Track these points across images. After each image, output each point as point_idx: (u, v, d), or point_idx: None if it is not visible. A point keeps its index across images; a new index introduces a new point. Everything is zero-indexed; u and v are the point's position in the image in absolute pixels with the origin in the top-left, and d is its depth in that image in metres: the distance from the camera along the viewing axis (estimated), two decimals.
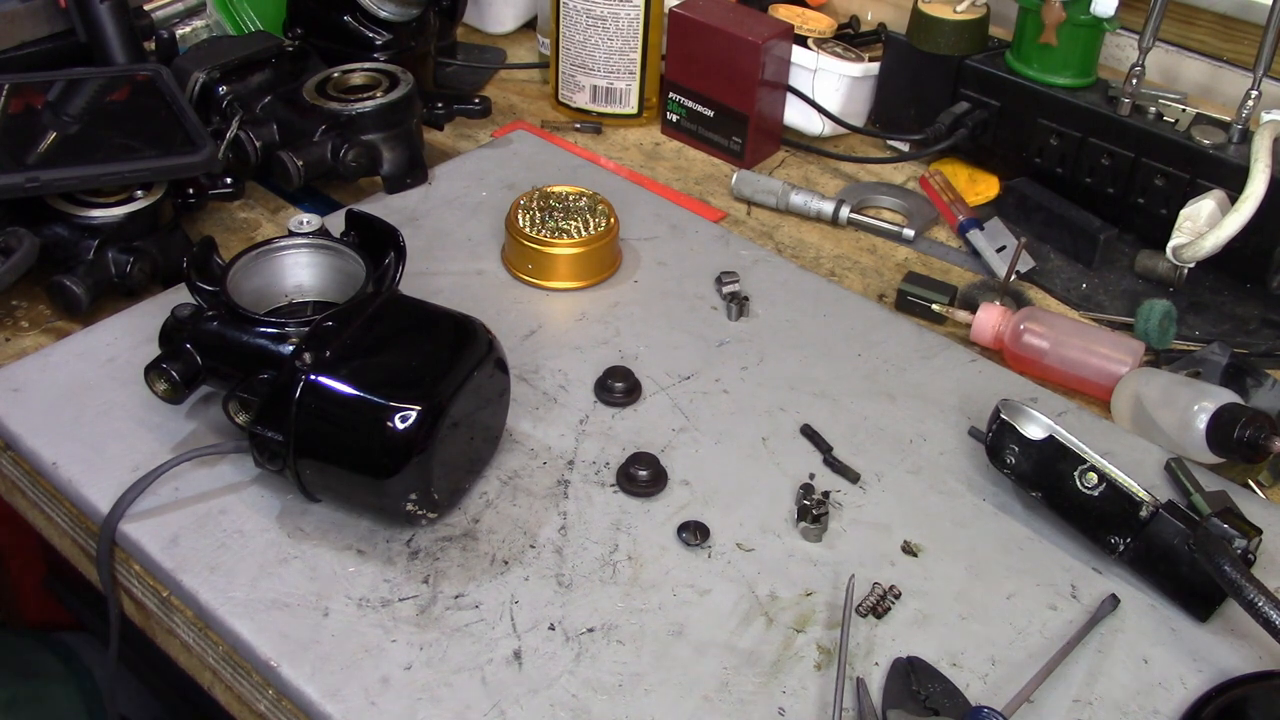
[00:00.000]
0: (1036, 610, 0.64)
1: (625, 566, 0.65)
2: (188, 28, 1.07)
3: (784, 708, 0.58)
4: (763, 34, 1.01)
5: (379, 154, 0.94)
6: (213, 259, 0.71)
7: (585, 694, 0.58)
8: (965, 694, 0.59)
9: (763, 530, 0.68)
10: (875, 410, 0.77)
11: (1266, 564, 0.66)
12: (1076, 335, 0.81)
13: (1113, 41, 1.10)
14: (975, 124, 1.02)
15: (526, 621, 0.62)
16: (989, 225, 0.96)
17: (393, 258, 0.73)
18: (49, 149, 0.80)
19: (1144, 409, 0.76)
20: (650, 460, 0.70)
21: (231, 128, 0.90)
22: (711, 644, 0.61)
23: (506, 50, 1.25)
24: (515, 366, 0.76)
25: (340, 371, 0.62)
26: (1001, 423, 0.68)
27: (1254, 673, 0.61)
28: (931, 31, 1.03)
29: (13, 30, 0.93)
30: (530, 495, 0.69)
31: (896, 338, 0.83)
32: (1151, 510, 0.64)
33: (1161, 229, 0.90)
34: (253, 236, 0.93)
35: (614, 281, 0.87)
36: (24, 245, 0.77)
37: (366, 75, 0.96)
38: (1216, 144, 0.89)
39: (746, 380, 0.79)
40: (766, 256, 0.91)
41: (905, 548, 0.67)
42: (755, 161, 1.07)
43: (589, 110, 1.12)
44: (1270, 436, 0.69)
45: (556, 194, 0.88)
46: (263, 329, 0.67)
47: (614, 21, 1.06)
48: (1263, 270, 0.89)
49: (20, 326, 0.82)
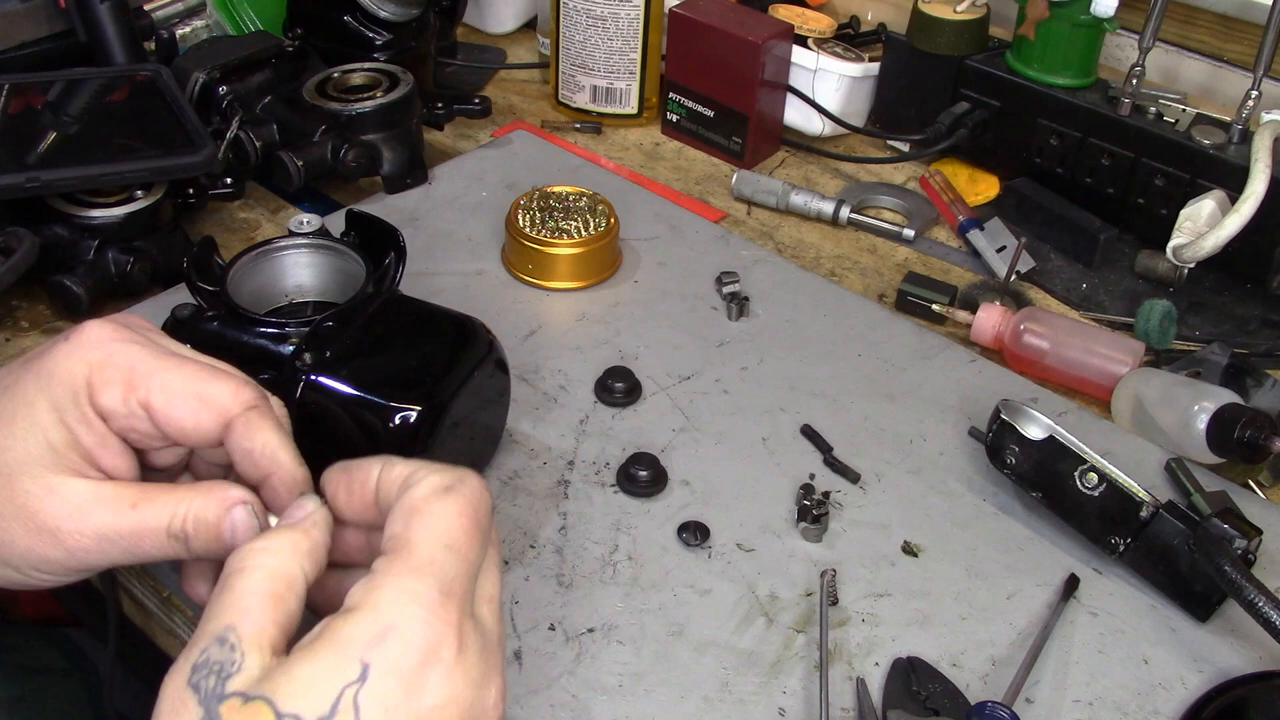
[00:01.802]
0: (1036, 610, 0.64)
1: (625, 566, 0.65)
2: (188, 28, 1.07)
3: (784, 708, 0.58)
4: (763, 34, 1.01)
5: (379, 154, 0.94)
6: (213, 259, 0.71)
7: (585, 694, 0.58)
8: (965, 694, 0.59)
9: (763, 530, 0.68)
10: (875, 410, 0.77)
11: (1266, 564, 0.66)
12: (1076, 335, 0.81)
13: (1113, 41, 1.10)
14: (975, 124, 1.02)
15: (526, 621, 0.62)
16: (989, 225, 0.97)
17: (393, 258, 0.72)
18: (49, 149, 0.80)
19: (1144, 409, 0.76)
20: (650, 460, 0.70)
21: (231, 128, 0.90)
22: (711, 644, 0.61)
23: (506, 50, 1.25)
24: (515, 366, 0.76)
25: (340, 372, 0.62)
26: (1001, 423, 0.68)
27: (1254, 673, 0.61)
28: (931, 31, 1.03)
29: (13, 30, 0.93)
30: (530, 495, 0.69)
31: (896, 338, 0.83)
32: (1151, 510, 0.64)
33: (1161, 229, 0.90)
34: (253, 236, 0.93)
35: (614, 281, 0.87)
36: (24, 245, 0.77)
37: (366, 75, 0.96)
38: (1216, 144, 0.89)
39: (746, 380, 0.79)
40: (766, 256, 0.91)
41: (905, 548, 0.67)
42: (755, 161, 1.07)
43: (589, 110, 1.12)
44: (1270, 436, 0.69)
45: (556, 194, 0.88)
46: (263, 329, 0.67)
47: (614, 21, 1.06)
48: (1263, 270, 0.89)
49: (20, 326, 0.83)
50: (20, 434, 0.49)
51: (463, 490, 0.45)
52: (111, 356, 0.49)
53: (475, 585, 0.44)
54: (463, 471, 0.46)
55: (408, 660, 0.40)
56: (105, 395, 0.49)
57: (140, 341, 0.50)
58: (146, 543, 0.48)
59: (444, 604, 0.42)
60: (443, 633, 0.41)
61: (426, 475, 0.45)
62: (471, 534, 0.44)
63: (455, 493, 0.44)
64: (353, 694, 0.39)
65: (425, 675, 0.41)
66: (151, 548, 0.49)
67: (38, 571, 0.49)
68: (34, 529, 0.48)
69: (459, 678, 0.41)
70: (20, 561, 0.49)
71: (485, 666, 0.43)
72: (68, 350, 0.50)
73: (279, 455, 0.50)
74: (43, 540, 0.48)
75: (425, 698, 0.40)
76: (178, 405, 0.50)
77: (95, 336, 0.50)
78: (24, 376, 0.50)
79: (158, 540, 0.48)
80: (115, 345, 0.50)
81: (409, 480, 0.46)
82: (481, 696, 0.42)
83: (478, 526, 0.44)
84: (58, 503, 0.48)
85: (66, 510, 0.48)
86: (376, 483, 0.47)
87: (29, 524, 0.48)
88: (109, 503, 0.48)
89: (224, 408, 0.50)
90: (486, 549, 0.45)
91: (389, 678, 0.40)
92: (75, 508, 0.48)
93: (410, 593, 0.41)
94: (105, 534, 0.48)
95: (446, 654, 0.41)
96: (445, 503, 0.44)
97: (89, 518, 0.48)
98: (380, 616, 0.41)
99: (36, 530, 0.48)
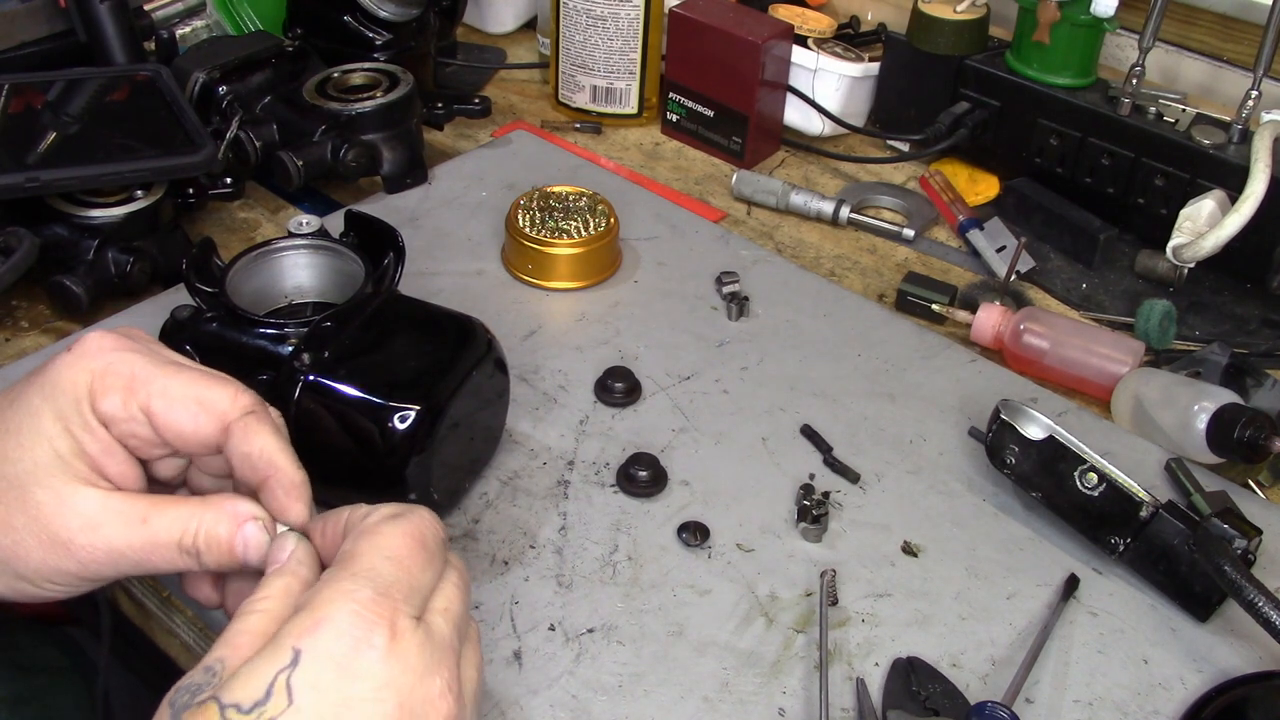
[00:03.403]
0: (1036, 610, 0.64)
1: (625, 567, 0.65)
2: (188, 28, 1.07)
3: (784, 708, 0.58)
4: (763, 34, 1.01)
5: (379, 154, 0.94)
6: (212, 260, 0.71)
7: (585, 694, 0.58)
8: (965, 694, 0.59)
9: (763, 530, 0.68)
10: (875, 410, 0.77)
11: (1266, 564, 0.66)
12: (1076, 335, 0.81)
13: (1113, 41, 1.09)
14: (975, 124, 1.02)
15: (526, 622, 0.62)
16: (989, 225, 0.96)
17: (392, 258, 0.72)
18: (49, 149, 0.80)
19: (1144, 409, 0.76)
20: (650, 460, 0.70)
21: (231, 128, 0.90)
22: (711, 644, 0.61)
23: (506, 50, 1.25)
24: (515, 366, 0.76)
25: (339, 372, 0.62)
26: (1001, 423, 0.68)
27: (1254, 673, 0.61)
28: (931, 31, 1.03)
29: (13, 30, 0.93)
30: (530, 495, 0.69)
31: (896, 338, 0.83)
32: (1151, 510, 0.64)
33: (1161, 229, 0.90)
34: (253, 236, 0.93)
35: (614, 281, 0.87)
36: (24, 245, 0.77)
37: (366, 75, 0.96)
38: (1216, 144, 0.89)
39: (746, 380, 0.79)
40: (766, 256, 0.91)
41: (905, 548, 0.67)
42: (755, 161, 1.07)
43: (589, 110, 1.12)
44: (1270, 436, 0.69)
45: (556, 194, 0.88)
46: (262, 330, 0.67)
47: (614, 21, 1.06)
48: (1263, 270, 0.89)
49: (20, 326, 0.83)
50: (28, 444, 0.49)
51: (410, 516, 0.48)
52: (112, 364, 0.50)
53: (423, 596, 0.46)
54: (416, 506, 0.49)
55: (339, 646, 0.42)
56: (106, 401, 0.50)
57: (140, 350, 0.52)
58: (158, 556, 0.50)
59: (377, 600, 0.44)
60: (374, 623, 0.43)
61: (381, 508, 0.49)
62: (413, 550, 0.46)
63: (402, 518, 0.48)
64: (285, 677, 0.41)
65: (357, 660, 0.42)
66: (162, 561, 0.50)
67: (50, 583, 0.50)
68: (47, 541, 0.49)
69: (394, 664, 0.43)
70: (34, 574, 0.50)
71: (428, 660, 0.44)
72: (69, 360, 0.51)
73: (277, 459, 0.51)
74: (56, 552, 0.49)
75: (359, 681, 0.42)
76: (177, 410, 0.51)
77: (96, 346, 0.51)
78: (27, 389, 0.51)
79: (169, 554, 0.50)
80: (116, 354, 0.51)
81: (368, 514, 0.49)
82: (424, 686, 0.44)
83: (422, 545, 0.47)
84: (70, 514, 0.49)
85: (79, 522, 0.49)
86: (345, 523, 0.50)
87: (42, 536, 0.49)
88: (120, 516, 0.49)
89: (223, 412, 0.51)
90: (436, 567, 0.47)
91: (320, 661, 0.42)
92: (87, 519, 0.49)
93: (345, 591, 0.44)
94: (117, 548, 0.49)
95: (379, 641, 0.43)
96: (390, 524, 0.47)
97: (100, 530, 0.49)
98: (314, 610, 0.43)
99: (50, 542, 0.49)
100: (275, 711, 0.41)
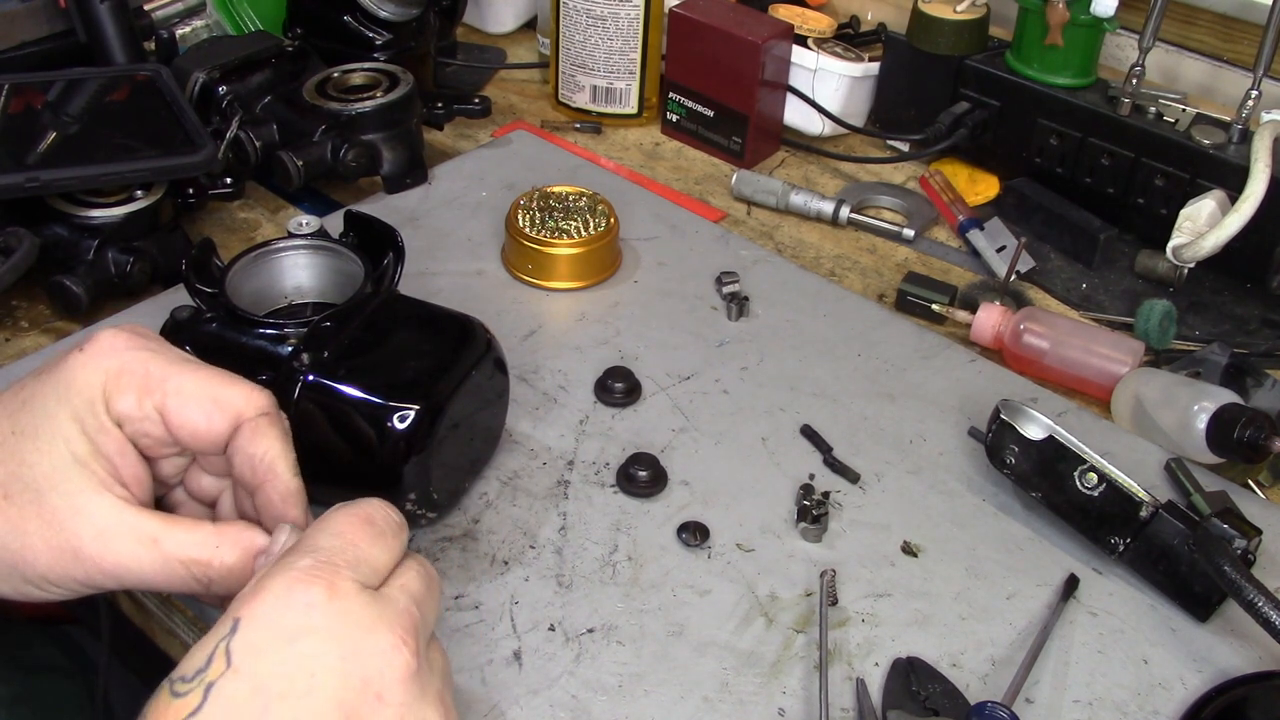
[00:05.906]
0: (1036, 610, 0.64)
1: (625, 567, 0.65)
2: (188, 28, 1.07)
3: (784, 708, 0.58)
4: (763, 34, 1.01)
5: (379, 154, 0.94)
6: (211, 261, 0.71)
7: (585, 694, 0.58)
8: (965, 694, 0.59)
9: (762, 530, 0.68)
10: (875, 410, 0.77)
11: (1266, 564, 0.66)
12: (1076, 335, 0.81)
13: (1113, 41, 1.09)
14: (975, 124, 1.02)
15: (526, 622, 0.62)
16: (989, 225, 0.96)
17: (391, 258, 0.72)
18: (49, 149, 0.80)
19: (1144, 409, 0.76)
20: (650, 460, 0.70)
21: (231, 128, 0.90)
22: (711, 644, 0.61)
23: (506, 50, 1.25)
24: (515, 366, 0.76)
25: (338, 372, 0.62)
26: (1001, 423, 0.68)
27: (1254, 673, 0.61)
28: (931, 31, 1.03)
29: (13, 30, 0.93)
30: (530, 495, 0.69)
31: (896, 338, 0.83)
32: (1151, 510, 0.64)
33: (1161, 229, 0.90)
34: (252, 236, 0.93)
35: (614, 281, 0.87)
36: (24, 245, 0.77)
37: (366, 75, 0.96)
38: (1216, 144, 0.89)
39: (746, 380, 0.79)
40: (766, 256, 0.91)
41: (905, 548, 0.67)
42: (755, 161, 1.07)
43: (589, 110, 1.12)
44: (1270, 436, 0.69)
45: (556, 194, 0.88)
46: (262, 330, 0.67)
47: (614, 21, 1.06)
48: (1263, 270, 0.89)
49: (20, 326, 0.83)
50: (45, 448, 0.49)
51: (358, 501, 0.49)
52: (127, 363, 0.50)
53: (373, 569, 0.46)
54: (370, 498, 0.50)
55: (275, 609, 0.43)
56: (121, 401, 0.50)
57: (154, 349, 0.52)
58: (165, 578, 0.50)
59: (316, 566, 0.44)
60: (310, 584, 0.43)
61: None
62: (357, 525, 0.47)
63: (350, 503, 0.49)
64: (224, 645, 0.42)
65: (294, 619, 0.43)
66: (170, 583, 0.50)
67: (54, 586, 0.50)
68: (57, 547, 0.49)
69: (334, 618, 0.43)
70: (39, 579, 0.50)
71: (375, 616, 0.44)
72: (84, 360, 0.50)
73: (277, 465, 0.51)
74: (64, 559, 0.49)
75: (298, 639, 0.43)
76: (192, 408, 0.51)
77: (110, 345, 0.51)
78: (41, 389, 0.50)
79: (178, 578, 0.50)
80: (130, 352, 0.51)
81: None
82: (373, 638, 0.44)
83: (367, 521, 0.47)
84: (82, 522, 0.49)
85: (91, 532, 0.49)
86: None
87: (52, 542, 0.49)
88: (132, 532, 0.49)
89: (238, 411, 0.51)
90: (388, 545, 0.47)
91: (257, 625, 0.43)
92: (99, 531, 0.49)
93: (285, 564, 0.44)
94: (125, 564, 0.49)
95: (317, 598, 0.43)
96: (339, 510, 0.48)
97: (110, 544, 0.49)
98: (257, 584, 0.44)
99: (59, 549, 0.49)
100: (214, 675, 0.41)
